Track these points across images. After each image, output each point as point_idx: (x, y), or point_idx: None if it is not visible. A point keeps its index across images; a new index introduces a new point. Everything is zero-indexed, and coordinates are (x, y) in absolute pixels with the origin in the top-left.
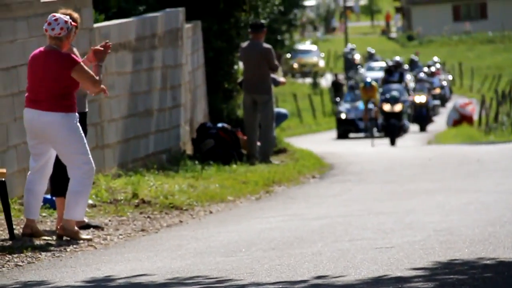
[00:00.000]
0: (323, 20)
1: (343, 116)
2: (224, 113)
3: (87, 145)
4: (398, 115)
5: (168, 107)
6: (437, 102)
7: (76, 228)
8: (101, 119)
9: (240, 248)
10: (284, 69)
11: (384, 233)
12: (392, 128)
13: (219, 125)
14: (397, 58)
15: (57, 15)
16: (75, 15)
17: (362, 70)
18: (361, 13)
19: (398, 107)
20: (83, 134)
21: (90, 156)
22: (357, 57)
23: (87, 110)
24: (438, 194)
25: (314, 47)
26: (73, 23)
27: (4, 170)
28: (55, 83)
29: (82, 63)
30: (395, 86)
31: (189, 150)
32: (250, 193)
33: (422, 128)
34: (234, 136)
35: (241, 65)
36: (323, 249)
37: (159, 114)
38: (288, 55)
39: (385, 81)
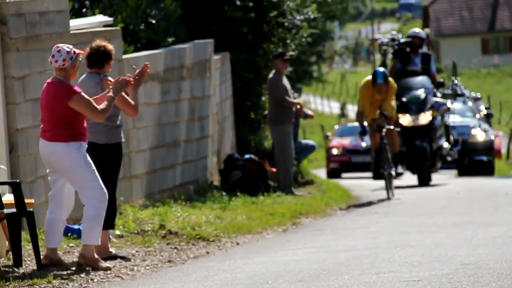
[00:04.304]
0: (352, 52)
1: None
2: (252, 144)
3: (96, 172)
4: (426, 132)
5: (196, 138)
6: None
7: (96, 255)
8: (128, 149)
9: (266, 280)
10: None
11: (411, 266)
12: (418, 156)
13: (247, 156)
14: (416, 30)
15: (60, 45)
16: (110, 46)
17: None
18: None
19: (425, 118)
20: (90, 161)
21: (100, 182)
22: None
23: (123, 140)
24: (466, 227)
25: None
26: (76, 51)
27: (32, 201)
28: (54, 113)
29: (81, 93)
30: (417, 80)
31: (216, 181)
32: (277, 224)
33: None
34: (261, 168)
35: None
36: (349, 281)
37: (186, 145)
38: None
39: (397, 72)
